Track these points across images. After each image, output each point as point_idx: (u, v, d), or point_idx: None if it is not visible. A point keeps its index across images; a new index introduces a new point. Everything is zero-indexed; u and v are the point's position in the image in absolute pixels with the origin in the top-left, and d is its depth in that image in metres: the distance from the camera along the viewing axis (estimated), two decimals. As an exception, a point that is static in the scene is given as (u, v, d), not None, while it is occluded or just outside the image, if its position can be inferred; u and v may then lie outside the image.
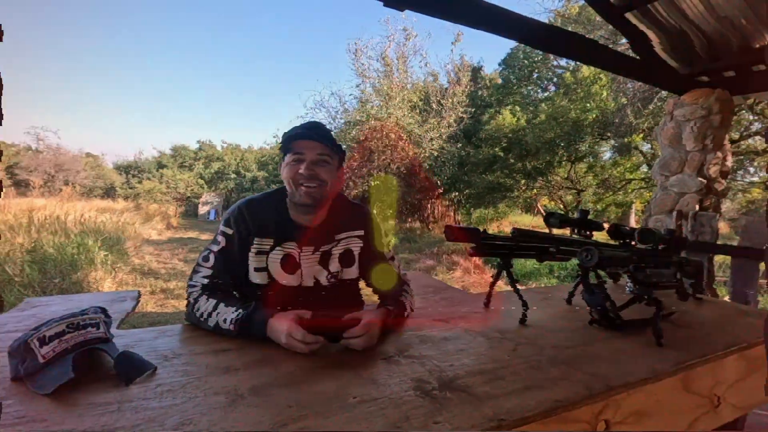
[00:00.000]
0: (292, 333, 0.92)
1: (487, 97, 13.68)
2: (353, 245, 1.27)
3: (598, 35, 8.47)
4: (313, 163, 1.12)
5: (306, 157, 1.12)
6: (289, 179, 1.14)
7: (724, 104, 3.61)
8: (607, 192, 12.09)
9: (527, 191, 12.69)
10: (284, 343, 0.94)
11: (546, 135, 9.60)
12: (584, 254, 0.98)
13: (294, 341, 0.92)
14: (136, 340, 1.00)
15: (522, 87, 12.78)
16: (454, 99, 11.48)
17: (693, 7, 3.06)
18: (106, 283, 4.87)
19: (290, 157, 1.13)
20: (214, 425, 0.65)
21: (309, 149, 1.12)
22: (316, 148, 1.13)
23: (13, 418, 0.65)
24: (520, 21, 2.55)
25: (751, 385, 1.18)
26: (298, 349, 0.92)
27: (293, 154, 1.13)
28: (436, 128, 11.38)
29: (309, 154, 1.12)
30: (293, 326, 0.93)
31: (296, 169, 1.12)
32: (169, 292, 5.07)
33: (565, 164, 11.70)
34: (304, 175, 1.11)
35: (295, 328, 0.93)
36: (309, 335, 0.92)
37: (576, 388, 0.81)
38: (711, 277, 3.53)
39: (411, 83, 12.09)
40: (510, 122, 10.99)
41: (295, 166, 1.12)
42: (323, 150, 1.13)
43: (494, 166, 11.72)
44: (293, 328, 0.93)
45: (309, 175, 1.11)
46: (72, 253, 4.90)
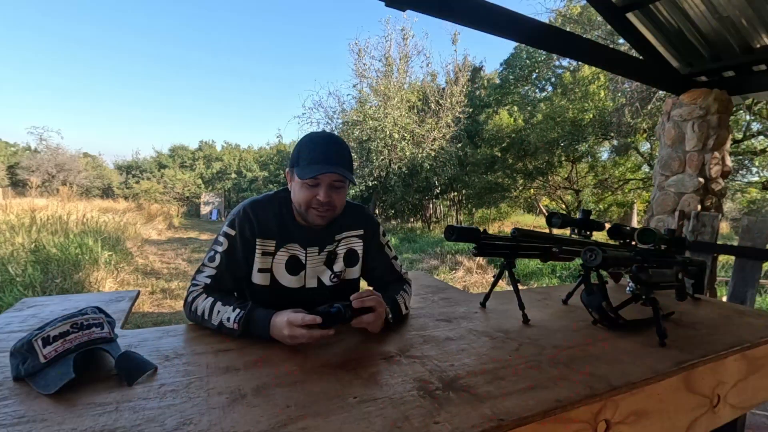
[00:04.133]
0: (292, 320, 0.93)
1: (485, 96, 13.69)
2: (355, 245, 1.27)
3: (594, 35, 8.47)
4: (329, 188, 1.09)
5: (322, 181, 1.08)
6: (302, 201, 1.10)
7: (723, 104, 3.61)
8: (606, 192, 12.08)
9: (525, 191, 12.68)
10: (287, 335, 0.93)
11: (549, 135, 9.59)
12: (588, 254, 0.98)
13: (296, 329, 0.92)
14: (140, 340, 1.00)
15: (520, 87, 12.77)
16: (452, 99, 11.47)
17: (694, 7, 3.06)
18: (108, 283, 4.88)
19: (306, 179, 1.07)
20: (214, 425, 0.65)
21: (327, 175, 1.08)
22: (334, 176, 1.08)
23: (12, 418, 0.65)
24: (520, 21, 2.55)
25: (751, 386, 1.18)
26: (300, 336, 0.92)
27: (310, 179, 1.06)
28: (435, 128, 11.38)
29: (325, 179, 1.08)
30: (292, 315, 0.94)
31: (312, 194, 1.08)
32: (170, 292, 5.07)
33: (566, 164, 11.69)
34: (321, 202, 1.08)
35: (294, 315, 0.93)
36: (309, 316, 0.93)
37: (576, 388, 0.81)
38: (712, 278, 3.52)
39: (408, 83, 12.09)
40: (507, 122, 10.98)
41: (311, 191, 1.08)
42: (340, 176, 1.09)
43: (495, 166, 11.72)
44: (293, 316, 0.93)
45: (326, 203, 1.09)
46: (75, 253, 4.91)
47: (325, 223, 1.14)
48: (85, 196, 18.76)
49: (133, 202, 16.81)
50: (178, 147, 25.70)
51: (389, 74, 11.45)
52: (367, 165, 11.28)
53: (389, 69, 11.47)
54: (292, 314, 0.94)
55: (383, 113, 10.81)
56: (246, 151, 26.45)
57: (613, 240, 1.43)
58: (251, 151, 26.35)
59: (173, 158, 24.88)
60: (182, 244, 9.61)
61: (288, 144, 23.17)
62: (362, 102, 11.59)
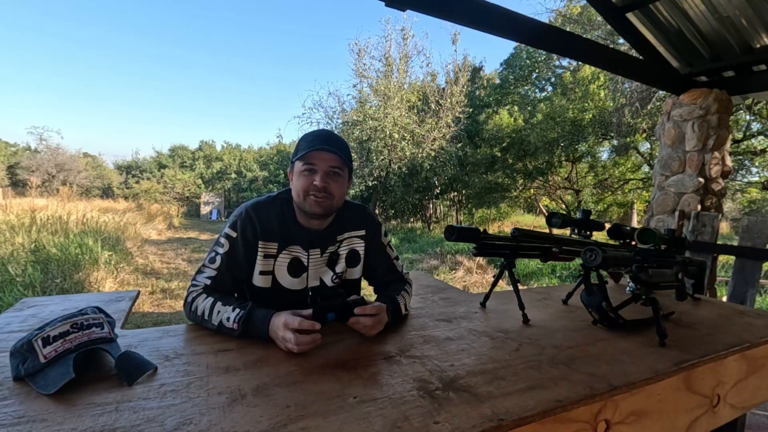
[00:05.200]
0: (288, 323, 0.92)
1: (485, 96, 13.69)
2: (357, 245, 1.27)
3: (594, 35, 8.47)
4: (326, 175, 1.11)
5: (319, 168, 1.10)
6: (299, 190, 1.11)
7: (723, 104, 3.61)
8: (606, 192, 12.08)
9: (525, 191, 12.68)
10: (281, 337, 0.93)
11: (548, 135, 9.59)
12: (588, 254, 0.98)
13: (288, 332, 0.91)
14: (140, 340, 1.00)
15: (520, 87, 12.77)
16: (452, 99, 11.47)
17: (694, 7, 3.07)
18: (108, 283, 4.88)
19: (302, 166, 1.11)
20: (214, 425, 0.65)
21: (323, 160, 1.10)
22: (330, 160, 1.11)
23: (12, 418, 0.65)
24: (520, 21, 2.55)
25: (751, 385, 1.18)
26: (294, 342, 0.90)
27: (306, 164, 1.10)
28: (435, 128, 11.38)
29: (322, 165, 1.10)
30: (289, 318, 0.93)
31: (310, 180, 1.10)
32: (170, 292, 5.07)
33: (566, 164, 11.69)
34: (318, 187, 1.09)
35: (292, 318, 0.93)
36: (306, 322, 0.92)
37: (576, 388, 0.81)
38: (712, 278, 3.52)
39: (408, 83, 12.09)
40: (507, 122, 10.99)
41: (308, 177, 1.10)
42: (337, 162, 1.11)
43: (495, 166, 11.72)
44: (290, 319, 0.93)
45: (322, 187, 1.09)
46: (75, 253, 4.91)
47: (323, 211, 1.13)
48: (85, 196, 18.76)
49: (133, 202, 16.80)
50: (178, 147, 25.69)
51: (389, 74, 11.45)
52: (367, 165, 11.28)
53: (389, 69, 11.47)
54: (289, 317, 0.94)
55: (383, 113, 10.81)
56: (246, 151, 26.44)
57: (613, 240, 1.43)
58: (251, 151, 26.34)
59: (173, 158, 24.87)
60: (182, 244, 9.61)
61: (288, 144, 23.18)
62: (362, 102, 11.58)
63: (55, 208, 7.50)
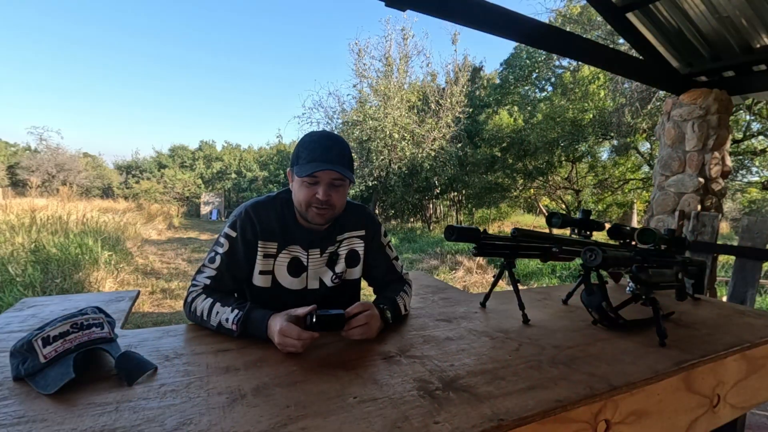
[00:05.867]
0: (285, 331, 0.92)
1: (485, 96, 13.69)
2: (356, 245, 1.27)
3: (594, 35, 8.47)
4: (328, 187, 1.09)
5: (321, 180, 1.08)
6: (302, 200, 1.09)
7: (723, 104, 3.61)
8: (606, 192, 12.08)
9: (525, 191, 12.69)
10: (277, 342, 0.93)
11: (548, 135, 9.59)
12: (588, 254, 0.98)
13: (287, 339, 0.91)
14: (140, 340, 1.00)
15: (520, 87, 12.77)
16: (452, 99, 11.47)
17: (694, 7, 3.07)
18: (108, 283, 4.88)
19: (305, 177, 1.07)
20: (214, 425, 0.65)
21: (325, 172, 1.07)
22: (333, 173, 1.08)
23: (12, 418, 0.65)
24: (520, 21, 2.55)
25: (751, 386, 1.18)
26: (291, 346, 0.91)
27: (308, 176, 1.06)
28: (435, 128, 11.38)
29: (325, 177, 1.08)
30: (286, 324, 0.93)
31: (312, 192, 1.08)
32: (170, 292, 5.07)
33: (566, 164, 11.69)
34: (320, 201, 1.08)
35: (288, 325, 0.92)
36: (304, 332, 0.92)
37: (576, 388, 0.81)
38: (712, 278, 3.52)
39: (408, 83, 12.10)
40: (507, 122, 10.99)
41: (310, 189, 1.08)
42: (339, 174, 1.08)
43: (495, 166, 11.72)
44: (286, 326, 0.92)
45: (325, 201, 1.08)
46: (75, 253, 4.91)
47: (325, 221, 1.13)
48: (85, 196, 18.76)
49: (133, 202, 16.79)
50: (178, 147, 25.69)
51: (389, 74, 11.45)
52: (367, 165, 11.28)
53: (389, 69, 11.48)
54: (286, 325, 0.93)
55: (383, 113, 10.81)
56: (246, 151, 26.44)
57: (613, 240, 1.43)
58: (251, 151, 26.34)
59: (173, 158, 24.87)
60: (182, 244, 9.61)
61: (288, 144, 23.18)
62: (362, 102, 11.59)
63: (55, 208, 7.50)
